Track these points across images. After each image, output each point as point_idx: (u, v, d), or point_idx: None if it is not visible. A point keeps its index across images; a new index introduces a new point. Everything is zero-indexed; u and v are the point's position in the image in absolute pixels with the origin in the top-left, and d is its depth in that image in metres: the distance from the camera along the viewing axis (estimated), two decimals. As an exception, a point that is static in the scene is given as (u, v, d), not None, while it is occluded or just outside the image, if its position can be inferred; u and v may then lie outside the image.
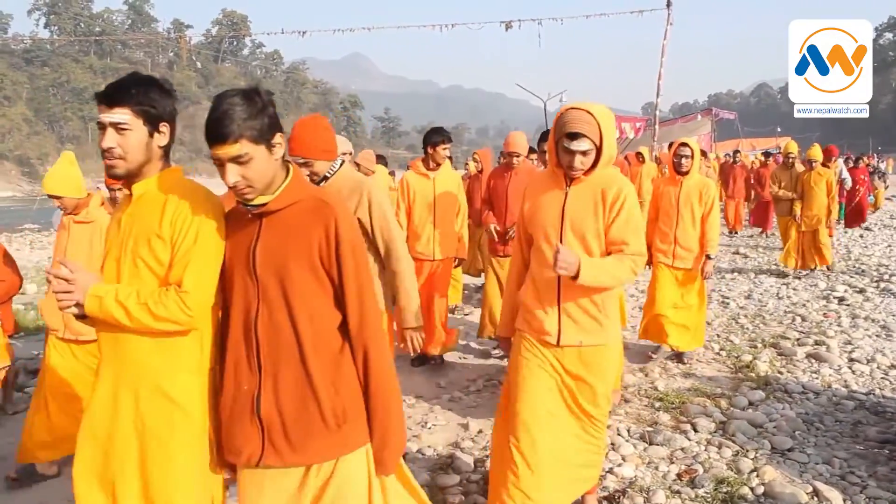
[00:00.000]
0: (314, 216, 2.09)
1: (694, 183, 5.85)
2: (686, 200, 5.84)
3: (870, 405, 5.02)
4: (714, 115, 26.20)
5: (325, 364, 2.11)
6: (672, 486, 3.81)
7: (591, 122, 2.80)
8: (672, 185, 5.96)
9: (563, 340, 2.99)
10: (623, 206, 2.90)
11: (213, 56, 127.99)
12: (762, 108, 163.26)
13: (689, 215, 5.83)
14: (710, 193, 5.84)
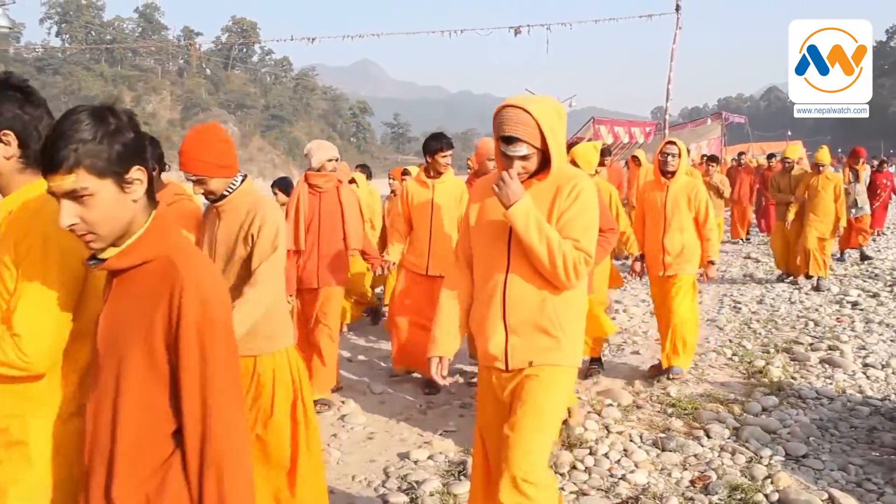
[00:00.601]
0: (161, 283, 1.58)
1: (681, 186, 5.55)
2: (674, 205, 5.53)
3: (885, 411, 4.98)
4: (724, 119, 26.10)
5: (136, 480, 1.56)
6: (685, 492, 3.79)
7: (528, 123, 2.42)
8: (658, 189, 5.66)
9: (512, 363, 2.57)
10: (576, 200, 2.54)
11: (222, 63, 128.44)
12: (772, 112, 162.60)
13: (678, 221, 5.53)
14: (700, 196, 5.54)
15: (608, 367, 6.06)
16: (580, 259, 2.48)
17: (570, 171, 2.63)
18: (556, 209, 2.54)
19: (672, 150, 5.55)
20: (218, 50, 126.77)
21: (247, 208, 3.05)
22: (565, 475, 3.98)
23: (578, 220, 2.54)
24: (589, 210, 2.57)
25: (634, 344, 6.78)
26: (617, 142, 22.38)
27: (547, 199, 2.56)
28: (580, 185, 2.55)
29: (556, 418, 2.68)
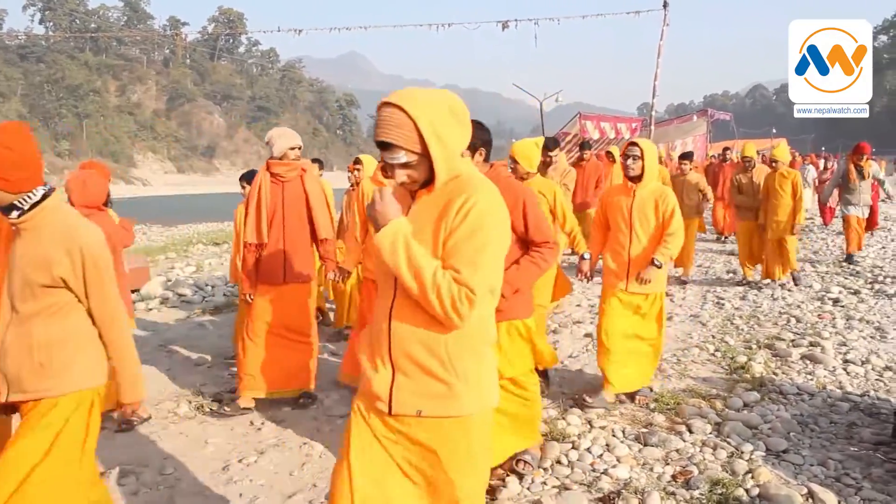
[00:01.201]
0: None
1: (649, 191, 4.94)
2: (640, 212, 4.95)
3: (864, 406, 5.02)
4: (710, 116, 26.24)
5: None
6: (667, 487, 3.80)
7: (404, 125, 2.02)
8: (624, 194, 5.05)
9: (396, 407, 2.16)
10: (465, 218, 2.04)
11: (208, 54, 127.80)
12: (757, 110, 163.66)
13: (645, 230, 4.96)
14: (669, 202, 4.92)
15: (591, 360, 6.07)
16: (460, 295, 2.01)
17: (466, 182, 2.12)
18: (444, 229, 2.08)
19: (633, 152, 4.90)
20: (204, 40, 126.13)
21: (55, 238, 2.58)
22: (548, 470, 3.99)
23: (465, 245, 2.04)
24: (481, 231, 2.05)
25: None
26: (603, 137, 22.44)
27: (433, 216, 2.11)
28: (473, 200, 2.05)
29: (478, 481, 2.27)
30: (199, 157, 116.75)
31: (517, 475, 3.89)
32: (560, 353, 6.39)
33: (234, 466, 4.16)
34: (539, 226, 3.64)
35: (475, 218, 2.03)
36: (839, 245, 13.21)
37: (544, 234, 3.65)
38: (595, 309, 8.07)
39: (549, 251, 3.67)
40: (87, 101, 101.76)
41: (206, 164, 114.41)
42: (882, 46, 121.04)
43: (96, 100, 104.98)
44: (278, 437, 4.61)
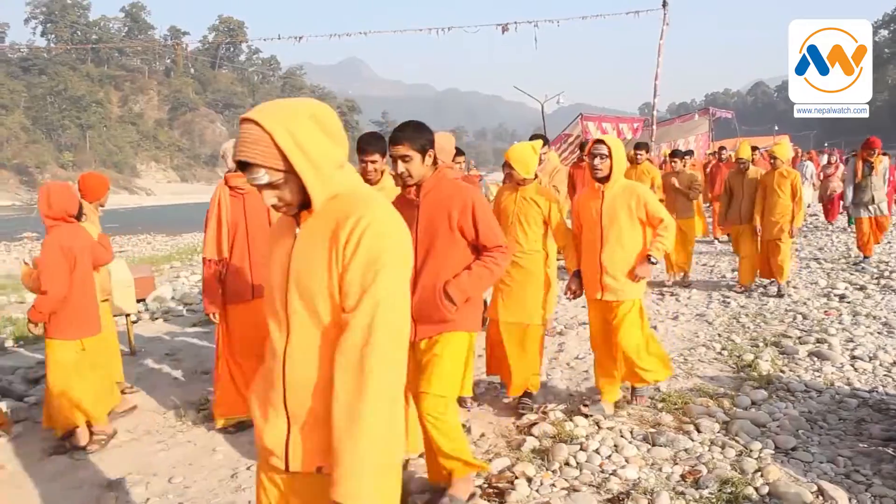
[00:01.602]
0: None
1: (620, 191, 4.65)
2: (611, 215, 4.63)
3: (873, 403, 5.01)
4: (711, 115, 26.19)
5: None
6: (676, 487, 3.79)
7: (262, 141, 1.76)
8: (593, 197, 4.74)
9: (294, 463, 1.90)
10: (357, 249, 1.76)
11: (209, 62, 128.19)
12: (759, 107, 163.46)
13: (616, 233, 4.64)
14: (643, 199, 4.62)
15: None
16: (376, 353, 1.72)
17: (351, 200, 1.84)
18: (335, 262, 1.79)
19: (600, 150, 4.58)
20: (205, 49, 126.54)
21: None
22: (556, 471, 3.99)
23: (356, 283, 1.76)
24: (379, 262, 1.75)
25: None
26: (605, 138, 22.39)
27: (321, 244, 1.82)
28: (364, 223, 1.77)
29: None
30: (201, 166, 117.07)
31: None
32: (567, 354, 6.38)
33: (243, 474, 4.17)
34: (489, 229, 3.44)
35: (370, 245, 1.76)
36: (844, 241, 13.19)
37: (495, 238, 3.44)
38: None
39: (501, 255, 3.46)
40: (89, 112, 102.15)
41: (208, 173, 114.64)
42: (882, 41, 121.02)
43: (99, 111, 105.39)
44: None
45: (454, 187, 3.45)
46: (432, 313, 3.34)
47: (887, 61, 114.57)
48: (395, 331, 1.76)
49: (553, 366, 6.05)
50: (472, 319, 3.54)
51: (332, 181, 1.85)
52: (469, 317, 3.50)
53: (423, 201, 3.41)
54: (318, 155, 1.81)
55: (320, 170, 1.82)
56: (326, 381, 1.81)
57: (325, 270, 1.80)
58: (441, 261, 3.38)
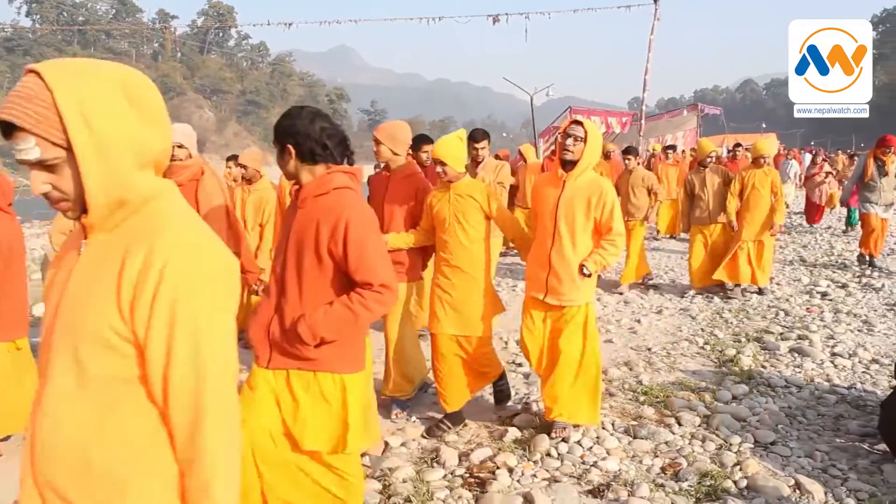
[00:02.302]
0: None
1: (583, 184, 4.08)
2: (568, 208, 4.08)
3: (851, 399, 5.07)
4: (700, 111, 26.29)
5: None
6: (656, 479, 3.83)
7: (37, 99, 1.26)
8: (552, 185, 4.20)
9: None
10: (155, 299, 1.29)
11: (198, 47, 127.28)
12: (747, 105, 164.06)
13: (569, 231, 4.10)
14: (606, 199, 4.06)
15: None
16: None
17: (149, 220, 1.37)
18: (124, 304, 1.30)
19: (576, 132, 4.02)
20: (194, 34, 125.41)
21: None
22: (538, 462, 4.02)
23: (159, 338, 1.30)
24: (184, 319, 1.30)
25: (608, 332, 6.83)
26: (593, 132, 22.45)
27: (111, 277, 1.31)
28: (161, 260, 1.29)
29: None
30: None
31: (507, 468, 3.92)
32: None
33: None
34: (364, 260, 2.63)
35: (169, 296, 1.28)
36: (827, 240, 13.30)
37: (370, 273, 2.64)
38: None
39: (373, 296, 2.65)
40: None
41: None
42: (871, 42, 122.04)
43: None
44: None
45: (335, 199, 2.68)
46: (288, 344, 2.70)
47: (875, 62, 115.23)
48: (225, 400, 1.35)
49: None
50: (340, 360, 2.74)
51: (126, 180, 1.33)
52: (341, 357, 2.74)
53: (299, 210, 2.76)
54: (111, 136, 1.30)
55: (108, 158, 1.30)
56: (79, 453, 1.34)
57: (105, 300, 1.31)
58: (303, 287, 2.70)
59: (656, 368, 5.76)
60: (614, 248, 4.12)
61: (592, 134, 4.05)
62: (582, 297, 4.17)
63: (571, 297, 4.15)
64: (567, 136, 4.03)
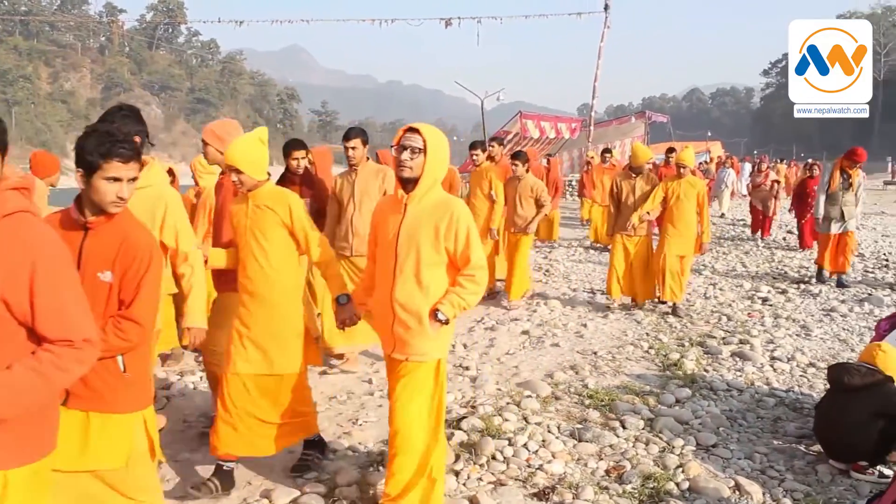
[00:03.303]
0: None
1: (429, 206, 3.19)
2: (410, 237, 3.18)
3: (789, 402, 5.20)
4: (647, 118, 26.74)
5: None
6: (600, 482, 3.87)
7: None
8: (393, 210, 3.29)
9: None
10: None
11: (147, 43, 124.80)
12: (694, 113, 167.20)
13: (414, 266, 3.18)
14: (458, 223, 3.15)
15: (528, 356, 6.14)
16: None
17: None
18: None
19: (412, 142, 3.14)
20: (142, 29, 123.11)
21: None
22: (484, 465, 4.02)
23: None
24: None
25: (554, 336, 6.89)
26: (543, 136, 22.68)
27: None
28: None
29: None
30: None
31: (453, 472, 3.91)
32: (497, 349, 6.44)
33: (165, 466, 4.07)
34: (55, 311, 1.93)
35: None
36: (769, 246, 13.64)
37: (61, 328, 1.94)
38: (533, 305, 8.17)
39: (68, 354, 1.94)
40: (16, 87, 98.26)
41: (143, 156, 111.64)
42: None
43: (27, 86, 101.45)
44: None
45: (11, 231, 1.90)
46: None
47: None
48: None
49: (483, 360, 6.10)
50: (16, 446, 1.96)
51: None
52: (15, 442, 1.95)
53: None
54: None
55: None
56: None
57: None
58: None
59: (602, 372, 5.83)
60: (474, 284, 3.20)
61: (434, 142, 3.17)
62: (435, 349, 3.24)
63: (421, 351, 3.20)
64: (402, 147, 3.15)
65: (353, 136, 5.62)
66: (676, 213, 7.73)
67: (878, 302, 8.37)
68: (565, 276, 10.26)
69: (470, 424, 4.55)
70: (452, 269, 3.26)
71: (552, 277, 10.12)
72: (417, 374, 3.24)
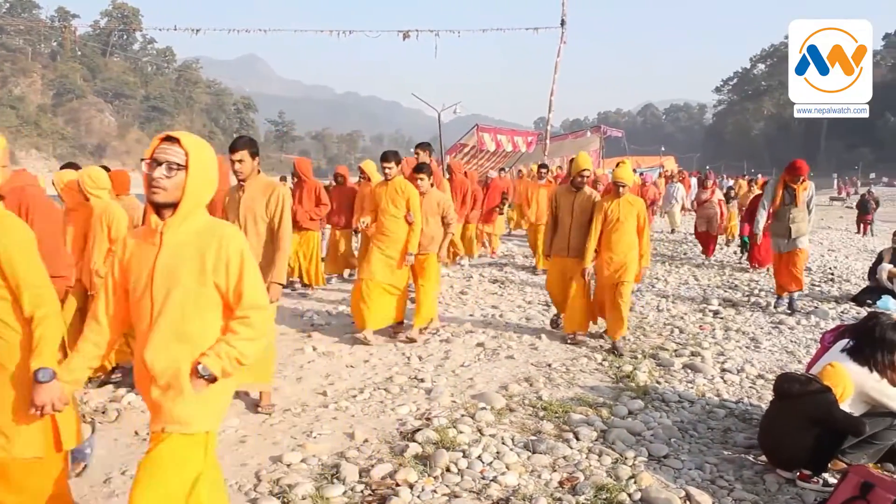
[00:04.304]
0: None
1: (192, 234, 2.55)
2: (169, 276, 2.52)
3: (738, 413, 5.30)
4: (603, 133, 27.10)
5: None
6: (554, 493, 3.89)
7: None
8: (148, 241, 2.60)
9: None
10: None
11: (100, 49, 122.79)
12: (648, 128, 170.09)
13: (174, 313, 2.51)
14: (228, 252, 2.54)
15: (483, 369, 6.16)
16: None
17: None
18: None
19: (169, 155, 2.48)
20: (96, 35, 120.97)
21: None
22: (438, 478, 4.02)
23: None
24: None
25: (509, 349, 6.91)
26: (499, 149, 22.83)
27: None
28: None
29: None
30: (87, 157, 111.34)
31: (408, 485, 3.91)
32: (452, 361, 6.44)
33: (117, 479, 4.00)
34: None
35: None
36: (719, 260, 13.89)
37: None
38: (488, 317, 8.19)
39: None
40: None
41: (95, 164, 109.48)
42: (760, 74, 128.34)
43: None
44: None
45: None
46: None
47: (764, 92, 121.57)
48: None
49: (438, 372, 6.10)
50: None
51: None
52: None
53: None
54: None
55: None
56: None
57: None
58: None
59: (556, 384, 5.87)
60: (249, 329, 2.56)
61: (199, 155, 2.54)
62: (200, 418, 2.55)
63: (181, 418, 2.51)
64: (155, 163, 2.47)
65: (240, 148, 4.95)
66: (615, 236, 6.92)
67: (824, 315, 8.58)
68: (520, 288, 10.31)
69: (425, 437, 4.54)
70: (228, 311, 2.62)
71: (507, 290, 10.17)
72: (174, 449, 2.50)
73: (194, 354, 2.52)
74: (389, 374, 5.99)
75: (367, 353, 6.67)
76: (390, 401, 5.34)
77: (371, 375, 6.02)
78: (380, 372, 6.11)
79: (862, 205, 23.87)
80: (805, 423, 4.07)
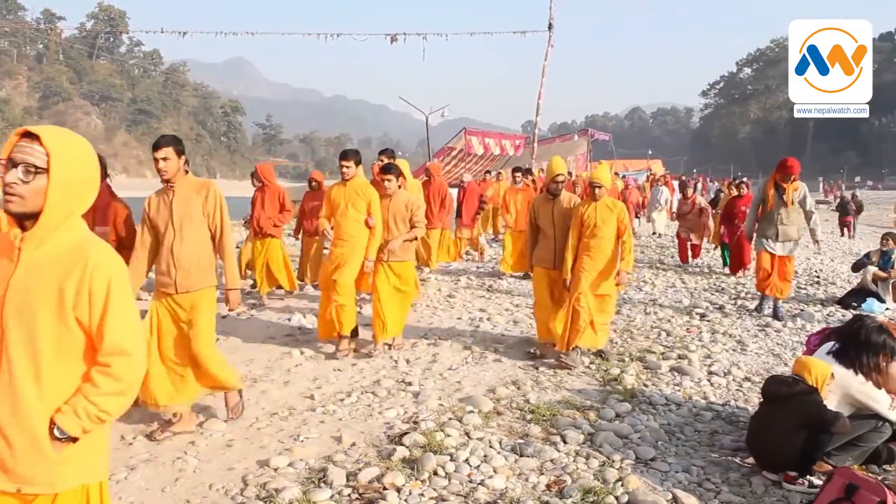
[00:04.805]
0: None
1: (52, 256, 2.04)
2: (23, 304, 2.00)
3: (725, 415, 5.32)
4: (590, 136, 27.19)
5: None
6: (541, 496, 3.89)
7: None
8: (4, 255, 2.08)
9: None
10: None
11: (87, 52, 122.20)
12: (635, 132, 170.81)
13: (27, 349, 2.00)
14: (92, 280, 2.02)
15: (470, 372, 6.16)
16: None
17: None
18: None
19: (26, 155, 1.99)
20: (82, 37, 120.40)
21: None
22: (425, 481, 4.01)
23: None
24: None
25: (496, 352, 6.92)
26: (487, 153, 22.85)
27: None
28: None
29: None
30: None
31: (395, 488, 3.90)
32: (440, 364, 6.44)
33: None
34: None
35: None
36: (706, 263, 13.94)
37: None
38: (476, 321, 8.20)
39: None
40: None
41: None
42: (746, 78, 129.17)
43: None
44: (150, 452, 4.43)
45: None
46: None
47: (750, 97, 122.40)
48: None
49: (426, 376, 6.10)
50: None
51: None
52: None
53: None
54: None
55: None
56: None
57: None
58: None
59: (543, 387, 5.87)
60: (110, 381, 2.05)
61: (65, 155, 2.03)
62: (67, 476, 2.07)
63: (45, 479, 2.04)
64: (11, 164, 2.00)
65: (164, 145, 4.52)
66: (593, 243, 6.51)
67: (810, 318, 8.63)
68: (508, 291, 10.32)
69: (412, 440, 4.53)
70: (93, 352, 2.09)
71: (495, 293, 10.17)
72: None
73: (51, 405, 2.03)
74: (377, 378, 5.99)
75: (354, 356, 6.65)
76: (378, 404, 5.33)
77: (358, 379, 6.01)
78: (367, 375, 6.10)
79: (841, 206, 24.46)
80: (794, 425, 4.10)
